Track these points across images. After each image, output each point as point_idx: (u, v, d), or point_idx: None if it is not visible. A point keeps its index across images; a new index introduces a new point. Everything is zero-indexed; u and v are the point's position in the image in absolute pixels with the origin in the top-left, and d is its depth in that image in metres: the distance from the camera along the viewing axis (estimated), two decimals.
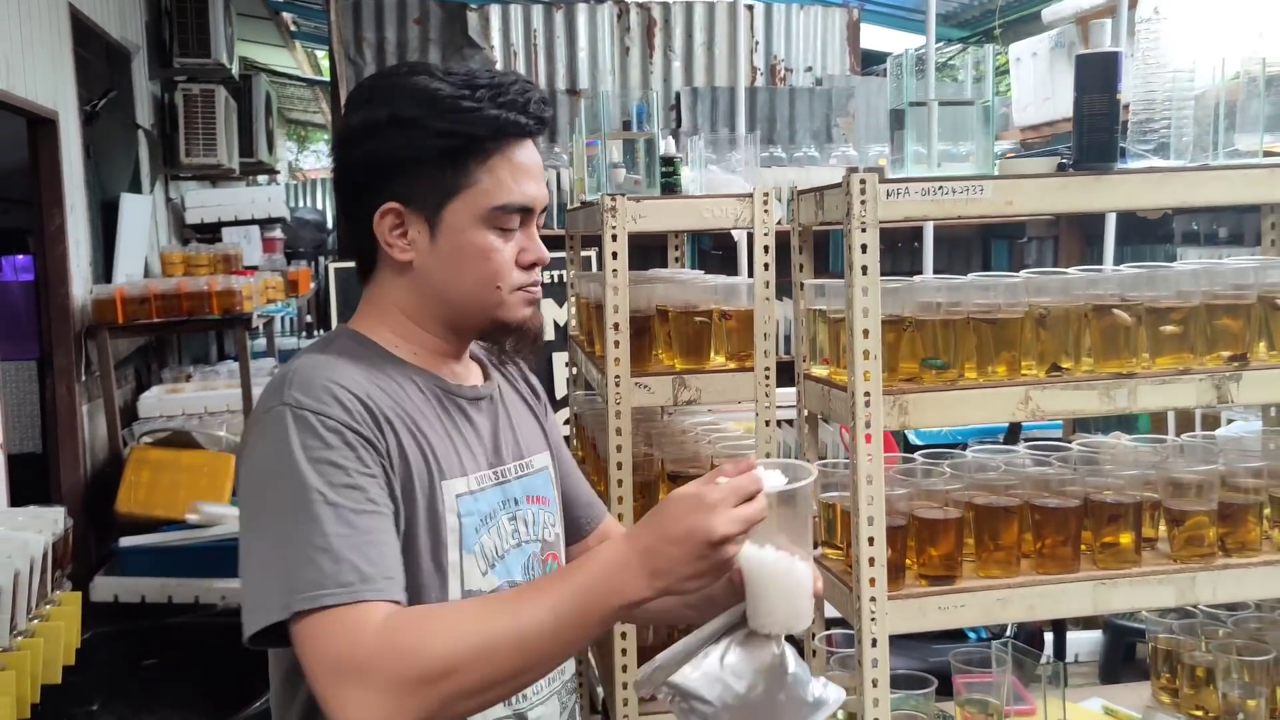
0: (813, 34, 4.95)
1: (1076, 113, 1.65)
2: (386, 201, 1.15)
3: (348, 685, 0.96)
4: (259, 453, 1.08)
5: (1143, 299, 1.72)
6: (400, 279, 1.19)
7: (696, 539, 0.97)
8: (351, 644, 0.97)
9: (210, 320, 4.93)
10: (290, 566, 1.01)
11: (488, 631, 0.99)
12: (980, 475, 1.83)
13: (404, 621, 1.00)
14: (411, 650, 0.97)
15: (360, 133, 1.15)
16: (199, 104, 6.23)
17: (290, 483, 1.03)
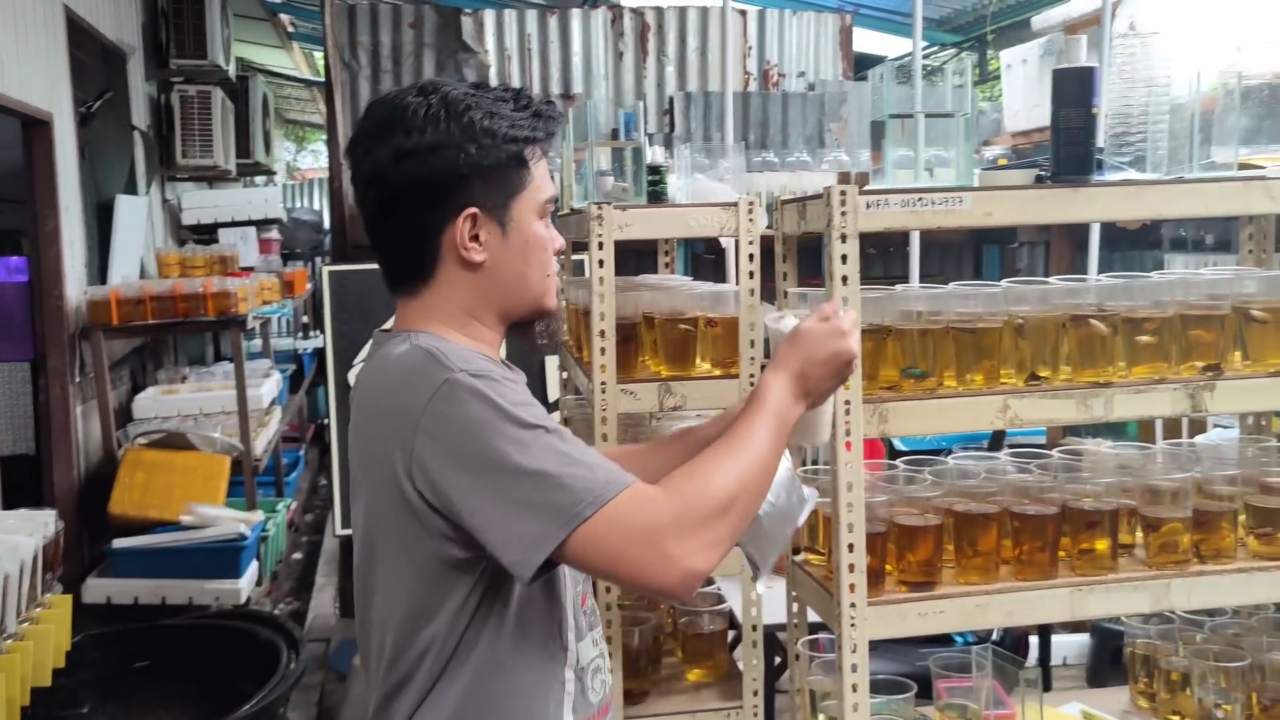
0: (805, 39, 4.97)
1: (1054, 125, 1.67)
2: (464, 208, 1.23)
3: (668, 543, 1.11)
4: (460, 416, 1.14)
5: (1120, 309, 1.74)
6: (467, 280, 1.26)
7: (840, 360, 1.30)
8: (650, 512, 1.12)
9: (206, 322, 4.95)
10: (551, 489, 1.11)
11: (742, 462, 1.19)
12: (961, 482, 1.85)
13: (677, 481, 1.16)
14: (701, 494, 1.14)
15: (428, 150, 1.21)
16: (195, 105, 6.25)
17: (509, 427, 1.13)
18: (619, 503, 1.12)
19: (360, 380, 1.32)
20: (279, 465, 5.98)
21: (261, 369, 5.96)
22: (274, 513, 5.21)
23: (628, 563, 1.11)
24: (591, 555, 1.12)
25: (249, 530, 4.47)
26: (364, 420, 1.27)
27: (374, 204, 1.27)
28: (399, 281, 1.30)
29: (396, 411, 1.19)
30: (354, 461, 1.31)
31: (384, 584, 1.25)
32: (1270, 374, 1.72)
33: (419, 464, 1.16)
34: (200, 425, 5.00)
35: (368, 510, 1.27)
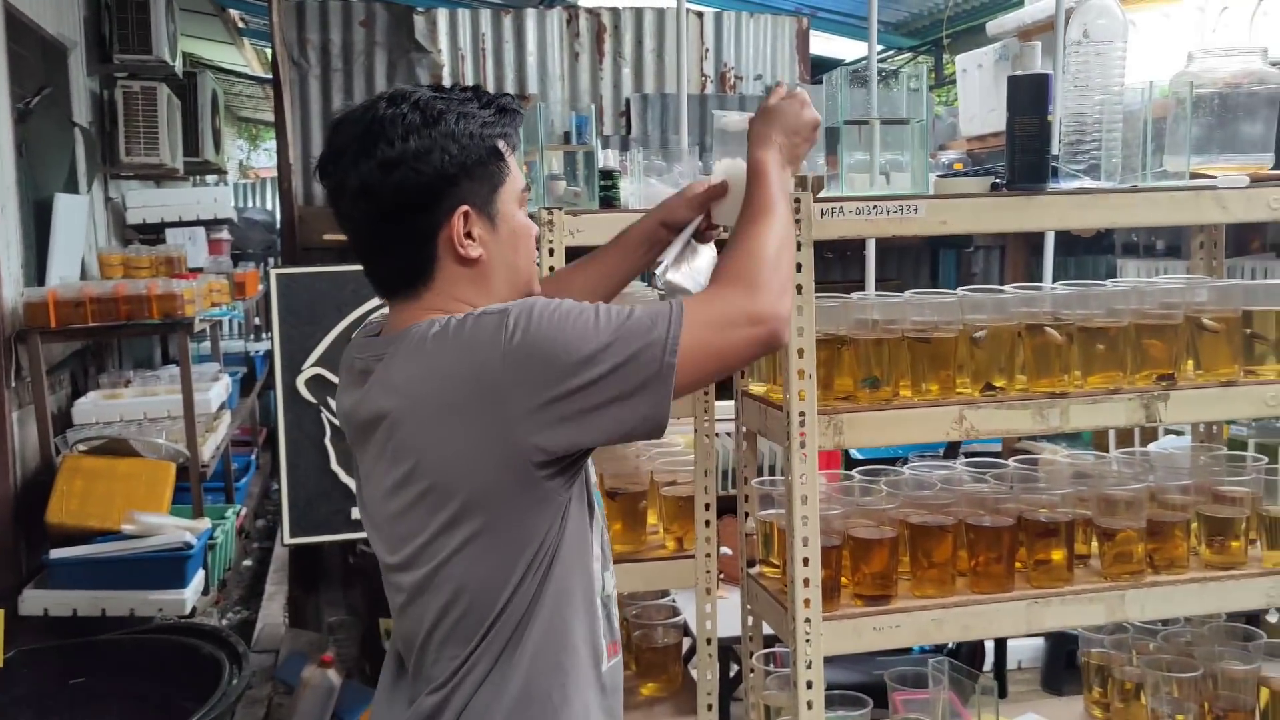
0: (762, 42, 4.95)
1: (1009, 133, 1.65)
2: (456, 207, 1.26)
3: (747, 310, 1.24)
4: (535, 340, 1.17)
5: (1075, 318, 1.73)
6: (465, 275, 1.28)
7: (810, 124, 1.42)
8: (715, 301, 1.25)
9: (150, 325, 4.81)
10: (635, 344, 1.18)
11: (766, 225, 1.32)
12: (917, 493, 1.83)
13: (722, 268, 1.31)
14: (748, 262, 1.28)
15: (414, 157, 1.24)
16: (140, 102, 6.09)
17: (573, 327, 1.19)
18: (687, 327, 1.20)
19: (386, 379, 1.26)
20: (229, 470, 5.85)
21: (210, 373, 5.82)
22: (223, 519, 5.08)
23: (730, 349, 1.24)
24: (701, 368, 1.22)
25: (195, 539, 4.35)
26: (417, 409, 1.23)
27: (365, 217, 1.28)
28: (398, 287, 1.31)
29: (474, 385, 1.19)
30: (397, 457, 1.25)
31: (448, 571, 1.24)
32: (1222, 384, 1.72)
33: (521, 411, 1.17)
34: (144, 430, 4.86)
35: (424, 501, 1.23)
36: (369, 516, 1.34)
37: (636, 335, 1.19)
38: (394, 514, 1.26)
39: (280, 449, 3.73)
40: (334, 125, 1.31)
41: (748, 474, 1.91)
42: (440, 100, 1.27)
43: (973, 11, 5.70)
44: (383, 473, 1.26)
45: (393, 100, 1.27)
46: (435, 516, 1.22)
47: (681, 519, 2.07)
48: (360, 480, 1.36)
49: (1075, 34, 1.66)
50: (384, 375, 1.26)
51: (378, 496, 1.28)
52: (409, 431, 1.22)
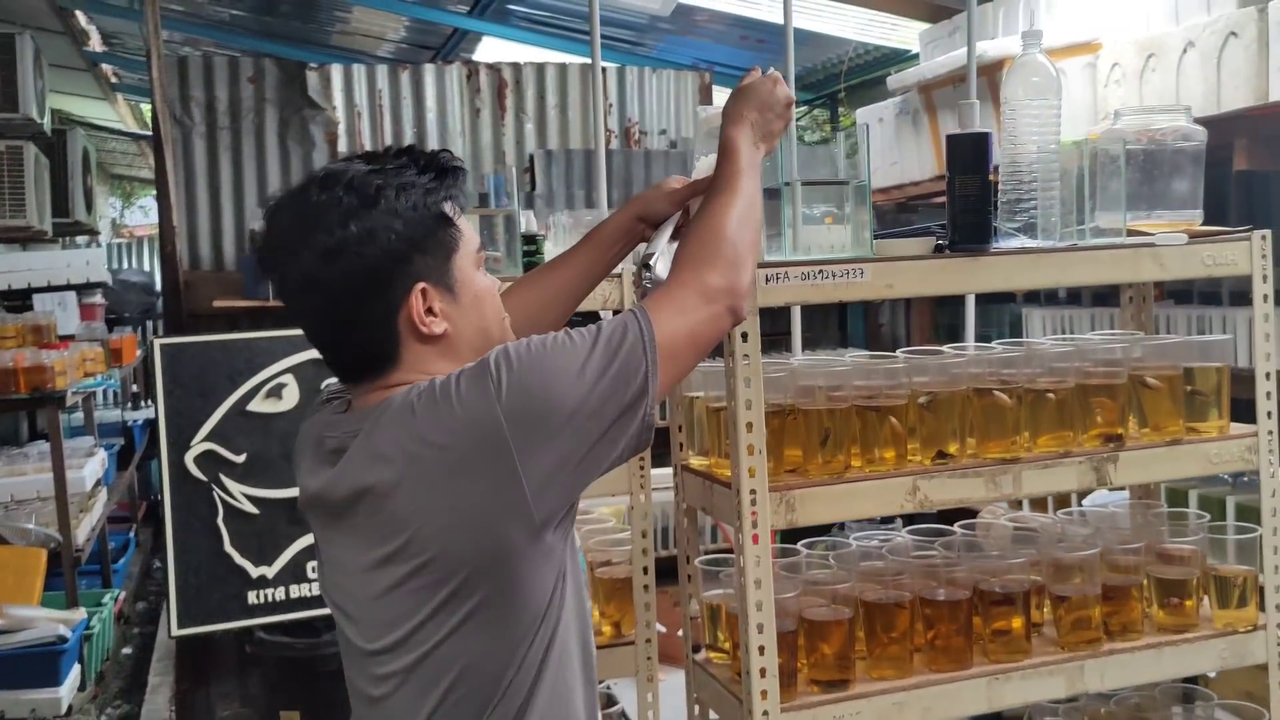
0: (666, 96, 4.94)
1: (950, 193, 1.61)
2: (412, 286, 1.19)
3: (703, 288, 1.22)
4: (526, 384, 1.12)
5: (1020, 378, 1.69)
6: (432, 352, 1.21)
7: (784, 100, 1.39)
8: (673, 291, 1.22)
9: (17, 400, 4.47)
10: (619, 361, 1.14)
11: (727, 202, 1.29)
12: (865, 565, 1.76)
13: (681, 249, 1.27)
14: (704, 240, 1.26)
15: (358, 242, 1.17)
16: (5, 162, 5.72)
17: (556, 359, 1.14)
18: (654, 315, 1.18)
19: (376, 449, 1.16)
20: (106, 551, 5.47)
21: (84, 447, 5.45)
22: (99, 606, 4.73)
23: (699, 330, 1.22)
24: (680, 357, 1.20)
25: (69, 631, 4.02)
26: (412, 476, 1.14)
27: (314, 309, 1.21)
28: (362, 373, 1.23)
29: (475, 440, 1.12)
30: (386, 533, 1.16)
31: (446, 650, 1.16)
32: (1168, 443, 1.70)
33: (532, 464, 1.11)
34: (11, 515, 4.50)
35: (419, 577, 1.15)
36: (342, 602, 1.24)
37: (617, 352, 1.15)
38: (379, 594, 1.16)
39: (167, 532, 3.46)
40: (268, 213, 1.24)
41: (690, 552, 1.80)
42: (375, 175, 1.19)
43: (867, 66, 5.82)
44: (363, 551, 1.17)
45: (324, 184, 1.20)
46: (434, 593, 1.14)
47: (618, 601, 1.95)
48: (328, 565, 1.27)
49: (1011, 91, 1.64)
50: (367, 447, 1.16)
51: (357, 579, 1.19)
52: (401, 502, 1.13)
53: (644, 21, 5.50)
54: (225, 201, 4.19)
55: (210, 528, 3.41)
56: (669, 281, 1.25)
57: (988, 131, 1.59)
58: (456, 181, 1.24)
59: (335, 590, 1.26)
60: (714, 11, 5.31)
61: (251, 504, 3.41)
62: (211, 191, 4.07)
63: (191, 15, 6.45)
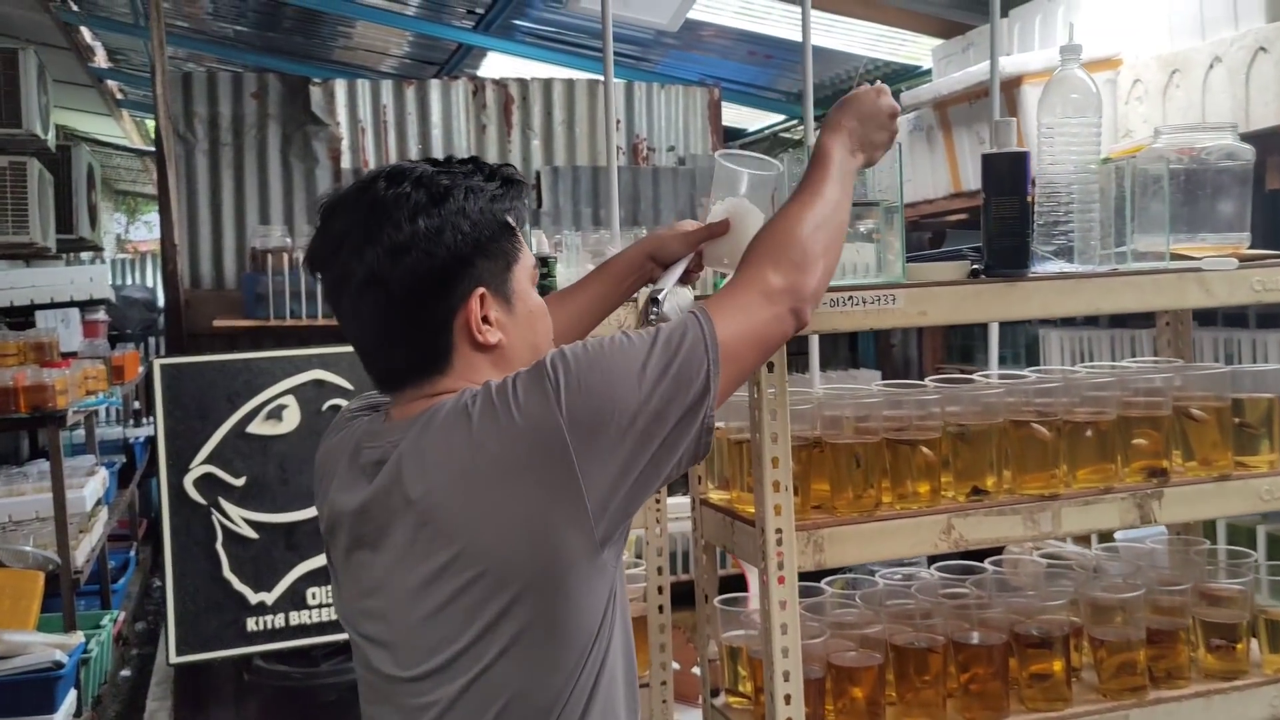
0: (674, 112, 4.87)
1: (985, 215, 1.53)
2: (473, 290, 1.16)
3: (769, 291, 1.18)
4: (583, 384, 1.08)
5: (1057, 408, 1.60)
6: (483, 362, 1.18)
7: (887, 111, 1.37)
8: (737, 290, 1.19)
9: (17, 419, 4.40)
10: (679, 365, 1.11)
11: (809, 206, 1.25)
12: (893, 604, 1.67)
13: (751, 246, 1.24)
14: (777, 241, 1.22)
15: (426, 239, 1.13)
16: (8, 178, 5.68)
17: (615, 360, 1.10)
18: (715, 316, 1.14)
19: (422, 462, 1.11)
20: (105, 571, 5.39)
21: (84, 466, 5.38)
22: (97, 629, 4.64)
23: (764, 330, 1.18)
24: (742, 359, 1.16)
25: (66, 656, 3.93)
26: (463, 485, 1.09)
27: (374, 307, 1.16)
28: (407, 377, 1.19)
29: (532, 444, 1.07)
30: (432, 548, 1.10)
31: (495, 675, 1.10)
32: (1215, 478, 1.61)
33: (594, 471, 1.07)
34: (8, 537, 4.41)
35: (468, 594, 1.09)
36: (374, 629, 1.16)
37: (677, 351, 1.12)
38: (426, 615, 1.10)
39: (165, 557, 3.37)
40: (325, 212, 1.20)
41: (708, 591, 1.72)
42: (444, 175, 1.17)
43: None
44: (408, 568, 1.11)
45: (392, 179, 1.17)
46: (484, 610, 1.08)
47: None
48: (357, 588, 1.19)
49: (1048, 108, 1.56)
50: (415, 455, 1.11)
51: (399, 599, 1.12)
52: (451, 512, 1.08)
53: (649, 37, 5.44)
54: (227, 219, 4.12)
55: (209, 552, 3.33)
56: (733, 280, 1.21)
57: (1026, 151, 1.51)
58: (520, 194, 1.22)
59: (366, 616, 1.18)
60: (721, 27, 5.25)
61: (251, 528, 3.33)
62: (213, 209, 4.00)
63: (196, 31, 6.41)
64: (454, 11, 5.41)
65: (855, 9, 4.81)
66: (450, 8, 5.37)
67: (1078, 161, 1.57)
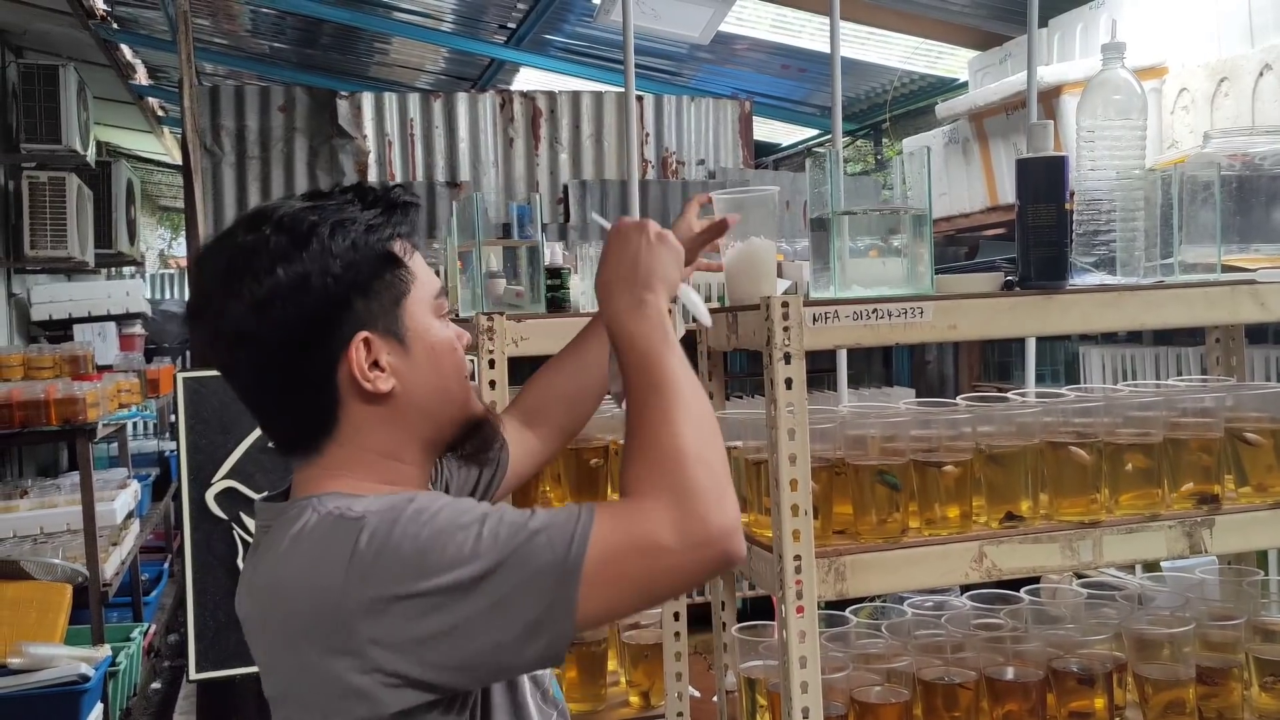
0: (704, 126, 4.81)
1: (1020, 224, 1.44)
2: (352, 336, 1.04)
3: (682, 527, 0.94)
4: (391, 567, 0.94)
5: (1098, 429, 1.50)
6: (378, 416, 1.07)
7: (647, 240, 1.18)
8: (635, 513, 0.96)
9: (48, 432, 4.42)
10: (528, 572, 0.93)
11: (667, 402, 1.03)
12: (922, 636, 1.58)
13: (630, 472, 1.00)
14: (664, 460, 0.98)
15: (290, 288, 1.02)
16: (47, 193, 5.76)
17: (444, 543, 0.94)
18: (600, 532, 0.94)
19: (252, 578, 1.06)
20: (137, 583, 5.40)
21: (116, 479, 5.40)
22: (126, 642, 4.64)
23: (662, 577, 0.95)
24: (614, 598, 0.94)
25: (92, 670, 3.92)
26: (263, 630, 1.04)
27: (248, 367, 1.06)
28: (296, 443, 1.09)
29: (315, 608, 0.96)
30: (269, 681, 1.06)
31: None
32: (1272, 505, 1.50)
33: (377, 650, 0.94)
34: (38, 550, 4.42)
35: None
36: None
37: (525, 551, 0.93)
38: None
39: (186, 572, 3.35)
40: (196, 263, 1.11)
41: (726, 619, 1.63)
42: (310, 212, 1.05)
43: (913, 95, 5.66)
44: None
45: (251, 225, 1.06)
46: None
47: (646, 667, 1.79)
48: None
49: (1089, 110, 1.47)
50: (252, 566, 1.06)
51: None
52: (260, 651, 1.05)
53: (683, 51, 5.39)
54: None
55: (229, 568, 3.29)
56: (637, 504, 0.97)
57: (1064, 155, 1.42)
58: (407, 217, 1.09)
59: None
60: (754, 40, 5.19)
61: None
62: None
63: (234, 49, 6.46)
64: (487, 27, 5.40)
65: (891, 21, 4.73)
66: (484, 23, 5.36)
67: (1120, 167, 1.48)
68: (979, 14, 4.51)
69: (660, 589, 0.97)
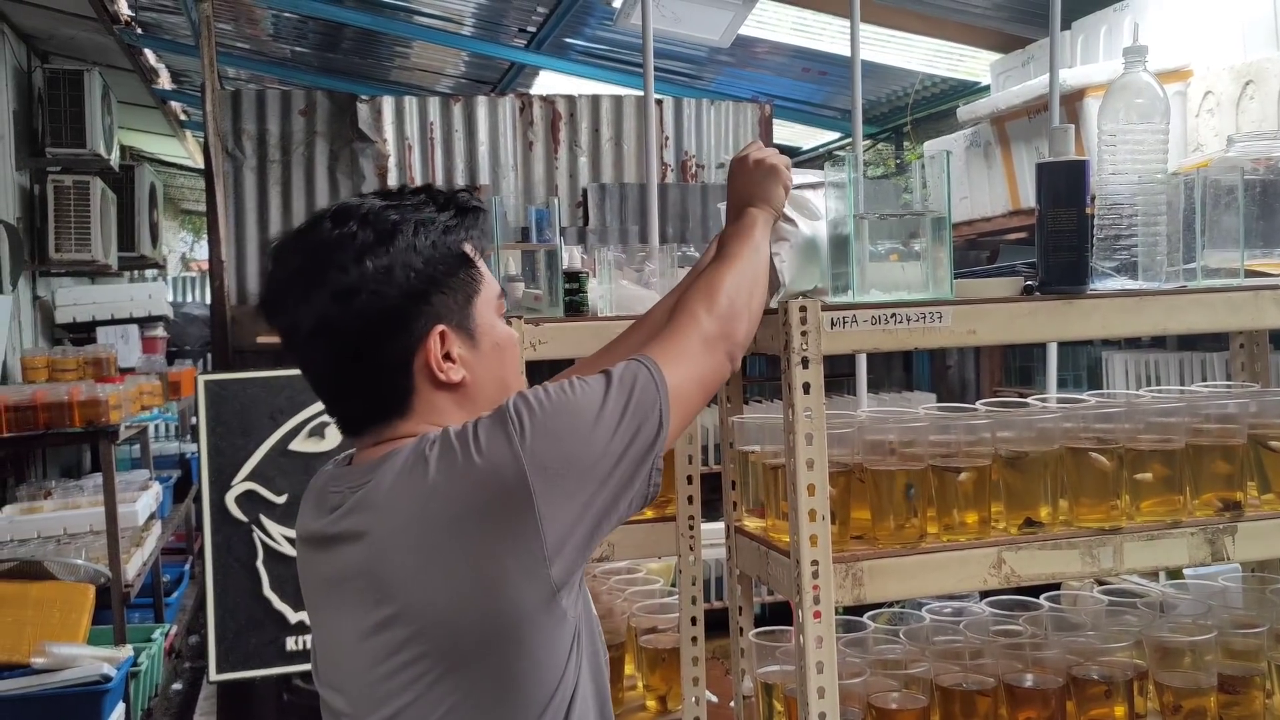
0: (724, 129, 4.80)
1: (1040, 228, 1.43)
2: (431, 328, 1.11)
3: (698, 333, 1.20)
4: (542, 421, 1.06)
5: (1119, 435, 1.49)
6: (448, 401, 1.14)
7: (766, 166, 1.38)
8: (676, 339, 1.19)
9: (71, 433, 4.46)
10: (635, 411, 1.09)
11: (734, 267, 1.28)
12: (940, 641, 1.57)
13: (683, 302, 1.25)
14: (703, 301, 1.22)
15: (375, 280, 1.09)
16: (72, 196, 5.81)
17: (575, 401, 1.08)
18: (662, 365, 1.14)
19: (372, 503, 1.07)
20: (159, 584, 5.44)
21: (138, 481, 5.44)
22: (148, 642, 4.67)
23: (704, 374, 1.18)
24: (687, 404, 1.15)
25: (114, 670, 3.94)
26: (409, 535, 1.05)
27: (327, 355, 1.12)
28: (366, 423, 1.15)
29: (490, 486, 1.03)
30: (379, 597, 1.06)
31: None
32: None
33: (553, 517, 1.04)
34: (63, 549, 4.46)
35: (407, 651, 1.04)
36: (334, 678, 1.12)
37: (631, 395, 1.10)
38: (369, 667, 1.06)
39: (207, 574, 3.37)
40: (274, 254, 1.15)
41: (743, 624, 1.63)
42: (391, 210, 1.12)
43: (934, 99, 5.64)
44: (357, 618, 1.07)
45: (337, 218, 1.12)
46: (419, 672, 1.03)
47: (664, 671, 1.78)
48: (320, 636, 1.16)
49: (1110, 114, 1.46)
50: (366, 502, 1.07)
51: (349, 650, 1.08)
52: (394, 564, 1.03)
53: (703, 55, 5.39)
54: (274, 236, 4.15)
55: (249, 570, 3.32)
56: (670, 330, 1.21)
57: (1085, 159, 1.41)
58: (478, 221, 1.17)
59: (327, 666, 1.15)
60: (774, 43, 5.18)
61: (291, 546, 3.31)
62: (261, 225, 4.03)
63: (255, 53, 6.51)
64: (507, 30, 5.42)
65: (913, 24, 4.71)
66: (504, 27, 5.38)
67: (1143, 171, 1.46)
68: (1001, 16, 4.48)
69: (707, 383, 1.19)
